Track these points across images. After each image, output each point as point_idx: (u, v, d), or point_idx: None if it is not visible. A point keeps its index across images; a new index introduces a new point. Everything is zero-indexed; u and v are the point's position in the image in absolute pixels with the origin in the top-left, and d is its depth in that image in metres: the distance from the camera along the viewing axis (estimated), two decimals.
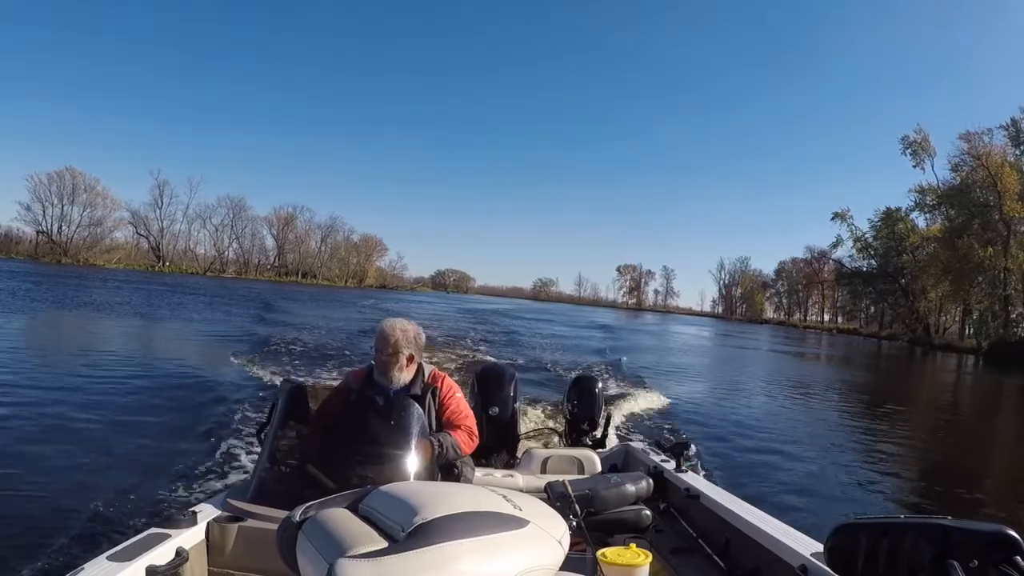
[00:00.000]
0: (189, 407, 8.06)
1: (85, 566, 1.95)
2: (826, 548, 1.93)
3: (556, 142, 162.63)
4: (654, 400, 10.73)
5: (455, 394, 3.19)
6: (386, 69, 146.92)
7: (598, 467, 3.99)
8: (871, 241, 64.36)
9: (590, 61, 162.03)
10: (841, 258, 70.20)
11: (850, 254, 67.70)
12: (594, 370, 14.65)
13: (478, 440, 3.21)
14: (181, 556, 2.14)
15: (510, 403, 4.35)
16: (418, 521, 1.45)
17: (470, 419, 3.19)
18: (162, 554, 2.10)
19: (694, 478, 3.47)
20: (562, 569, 1.58)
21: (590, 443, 4.51)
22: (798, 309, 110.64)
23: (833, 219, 64.64)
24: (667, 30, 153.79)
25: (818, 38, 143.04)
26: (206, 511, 2.46)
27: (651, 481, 2.62)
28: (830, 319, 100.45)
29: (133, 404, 8.08)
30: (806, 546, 2.29)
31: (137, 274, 62.56)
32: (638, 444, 4.46)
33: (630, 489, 2.50)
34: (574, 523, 2.19)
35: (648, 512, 2.57)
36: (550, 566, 1.53)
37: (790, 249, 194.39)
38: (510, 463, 4.19)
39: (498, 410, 4.27)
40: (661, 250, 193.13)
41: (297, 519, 1.66)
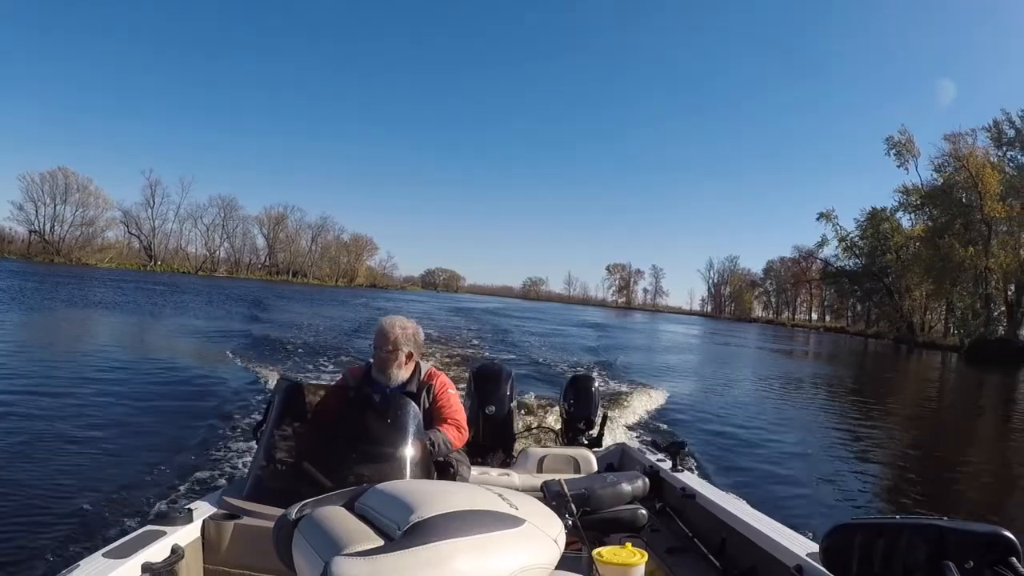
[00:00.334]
0: (185, 405, 8.03)
1: (81, 563, 1.94)
2: (822, 548, 1.93)
3: (545, 142, 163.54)
4: (650, 399, 10.73)
5: (448, 390, 3.19)
6: (376, 69, 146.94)
7: (594, 466, 3.98)
8: (857, 240, 64.98)
9: (579, 61, 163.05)
10: (828, 257, 70.88)
11: (834, 253, 68.50)
12: (588, 368, 14.74)
13: (467, 434, 3.21)
14: (177, 553, 2.13)
15: (507, 402, 4.36)
16: (414, 519, 1.44)
17: (459, 413, 3.19)
18: (158, 551, 2.09)
19: (690, 477, 3.47)
20: (558, 568, 1.57)
21: (586, 442, 4.52)
22: (786, 308, 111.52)
23: (819, 219, 65.16)
24: (656, 31, 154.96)
25: (810, 38, 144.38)
26: (202, 508, 2.45)
27: (647, 480, 2.62)
28: (818, 318, 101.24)
29: (129, 402, 8.02)
30: (802, 546, 2.28)
31: (130, 273, 62.25)
32: (634, 443, 4.48)
33: (626, 488, 2.50)
34: (570, 522, 2.17)
35: (644, 511, 2.56)
36: (546, 565, 1.52)
37: (778, 248, 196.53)
38: (506, 462, 4.19)
39: (495, 409, 4.27)
40: (650, 249, 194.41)
41: (293, 517, 1.65)
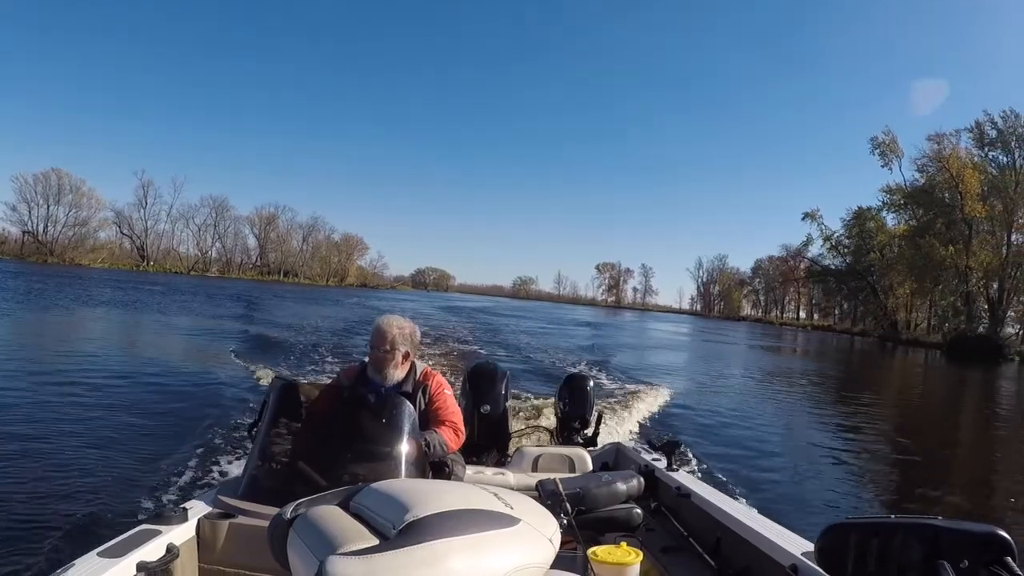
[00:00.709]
0: (179, 404, 8.00)
1: (75, 562, 1.93)
2: (816, 548, 1.92)
3: (535, 141, 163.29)
4: (644, 398, 10.73)
5: (444, 391, 3.18)
6: (366, 69, 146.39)
7: (589, 465, 3.98)
8: (843, 239, 65.77)
9: (568, 61, 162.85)
10: (815, 256, 71.54)
11: (820, 252, 69.18)
12: (582, 367, 14.82)
13: (464, 437, 3.20)
14: (172, 552, 2.12)
15: (501, 401, 4.35)
16: (409, 519, 1.44)
17: (456, 415, 3.17)
18: (153, 550, 2.08)
19: (685, 477, 3.47)
20: (553, 567, 1.57)
21: (581, 441, 4.51)
22: (775, 306, 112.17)
23: (804, 219, 65.70)
24: (645, 30, 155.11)
25: (800, 37, 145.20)
26: (197, 507, 2.44)
27: (642, 480, 2.63)
28: (806, 316, 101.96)
29: (124, 401, 7.96)
30: (797, 545, 2.28)
31: (123, 273, 62.05)
32: (629, 443, 4.47)
33: (621, 487, 2.50)
34: (565, 521, 2.18)
35: (639, 511, 2.57)
36: (541, 564, 1.52)
37: (767, 247, 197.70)
38: (501, 461, 4.18)
39: (489, 408, 4.26)
40: (640, 248, 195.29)
41: (288, 516, 1.65)
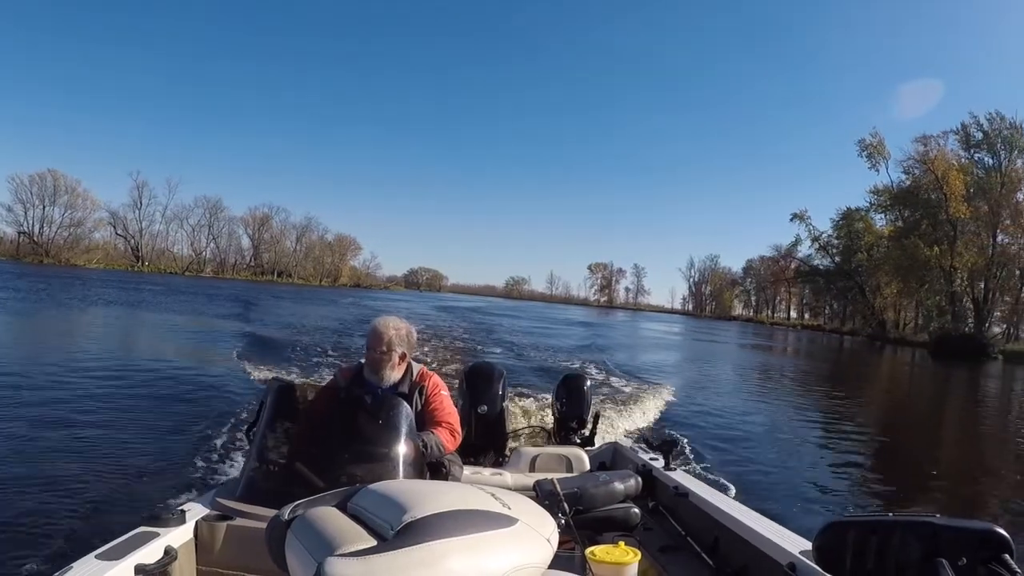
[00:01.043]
0: (177, 405, 7.94)
1: (73, 565, 1.93)
2: (814, 546, 1.93)
3: (528, 141, 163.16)
4: (641, 397, 10.70)
5: (440, 392, 3.17)
6: (366, 69, 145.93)
7: (587, 465, 3.98)
8: (832, 240, 66.32)
9: (561, 61, 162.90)
10: (806, 257, 72.06)
11: (809, 252, 69.76)
12: (578, 365, 14.83)
13: (460, 438, 3.19)
14: (170, 555, 2.12)
15: (499, 401, 4.33)
16: (407, 519, 1.45)
17: (453, 416, 3.17)
18: (150, 553, 2.08)
19: (683, 476, 3.46)
20: (551, 567, 1.58)
21: (579, 441, 4.49)
22: (766, 306, 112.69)
23: (792, 219, 66.35)
24: (640, 30, 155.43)
25: (793, 39, 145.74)
26: (195, 510, 2.43)
27: (640, 479, 2.63)
28: (796, 316, 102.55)
29: (121, 402, 7.88)
30: (795, 544, 2.29)
31: (118, 274, 61.69)
32: (627, 442, 4.46)
33: (619, 487, 2.51)
34: (563, 521, 2.19)
35: (637, 510, 2.58)
36: (539, 564, 1.53)
37: (758, 247, 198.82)
38: (499, 461, 4.17)
39: (487, 408, 4.24)
40: (632, 249, 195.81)
41: (286, 517, 1.66)
